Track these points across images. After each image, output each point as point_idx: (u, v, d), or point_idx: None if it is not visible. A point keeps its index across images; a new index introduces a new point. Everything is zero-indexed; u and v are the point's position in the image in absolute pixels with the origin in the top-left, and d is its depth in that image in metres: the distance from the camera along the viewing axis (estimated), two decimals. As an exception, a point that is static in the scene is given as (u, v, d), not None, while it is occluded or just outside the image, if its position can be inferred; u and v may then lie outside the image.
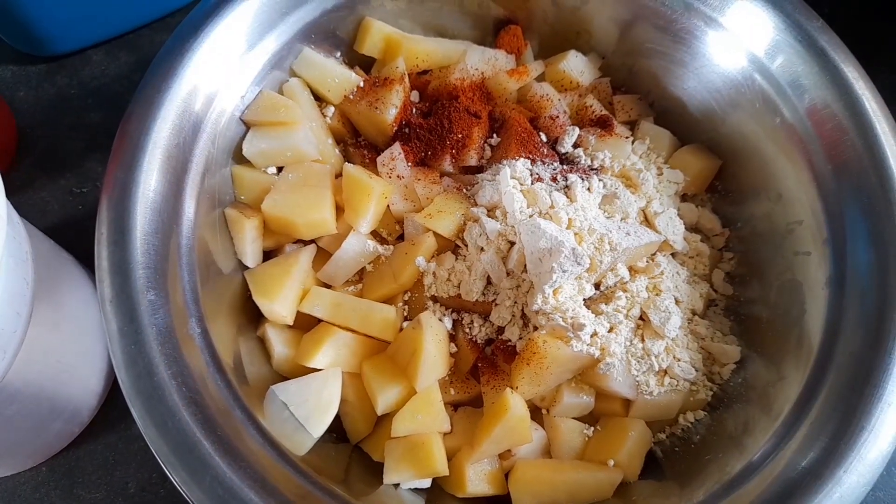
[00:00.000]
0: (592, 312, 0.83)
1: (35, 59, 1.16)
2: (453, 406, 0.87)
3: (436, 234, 0.86)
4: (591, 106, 0.95)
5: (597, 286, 0.85)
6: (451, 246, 0.88)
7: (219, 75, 0.82)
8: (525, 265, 0.80)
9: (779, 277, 0.89)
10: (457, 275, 0.85)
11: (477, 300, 0.84)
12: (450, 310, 0.88)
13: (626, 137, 0.97)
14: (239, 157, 0.87)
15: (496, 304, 0.86)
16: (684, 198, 0.99)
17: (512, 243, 0.82)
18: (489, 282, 0.85)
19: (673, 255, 0.93)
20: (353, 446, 0.86)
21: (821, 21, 0.85)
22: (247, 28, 0.84)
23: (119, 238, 0.72)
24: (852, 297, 0.77)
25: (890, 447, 0.68)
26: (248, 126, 0.87)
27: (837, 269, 0.79)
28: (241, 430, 0.71)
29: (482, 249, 0.83)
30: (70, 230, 1.06)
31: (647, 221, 0.92)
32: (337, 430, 0.85)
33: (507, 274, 0.83)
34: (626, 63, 1.01)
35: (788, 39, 0.84)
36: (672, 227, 0.90)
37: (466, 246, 0.86)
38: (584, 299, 0.83)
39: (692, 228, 0.97)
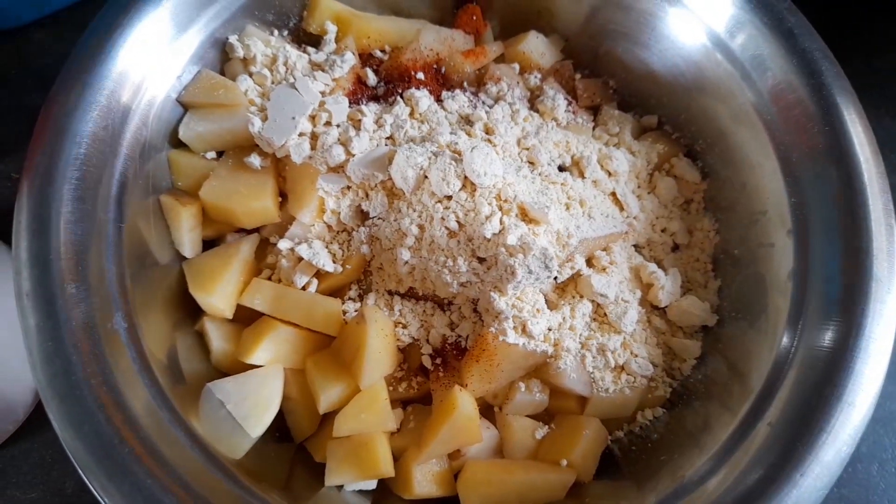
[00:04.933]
0: (548, 306, 0.80)
1: (-28, 37, 1.10)
2: (403, 403, 0.83)
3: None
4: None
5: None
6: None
7: (152, 54, 0.77)
8: (480, 257, 0.77)
9: (742, 271, 0.86)
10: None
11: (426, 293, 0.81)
12: (403, 298, 0.84)
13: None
14: (176, 141, 0.82)
15: (450, 303, 0.83)
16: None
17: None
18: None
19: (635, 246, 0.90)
20: (298, 446, 0.82)
21: (789, 2, 0.82)
22: (183, 2, 0.79)
23: (38, 227, 0.68)
24: (815, 291, 0.74)
25: (849, 449, 0.66)
26: (185, 108, 0.82)
27: (801, 261, 0.76)
28: (168, 432, 0.67)
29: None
30: (6, 218, 1.00)
31: (616, 204, 0.88)
32: (280, 429, 0.81)
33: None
34: (589, 45, 0.97)
35: (752, 19, 0.80)
36: (635, 210, 0.87)
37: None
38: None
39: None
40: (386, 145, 0.81)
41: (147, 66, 0.76)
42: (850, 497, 0.92)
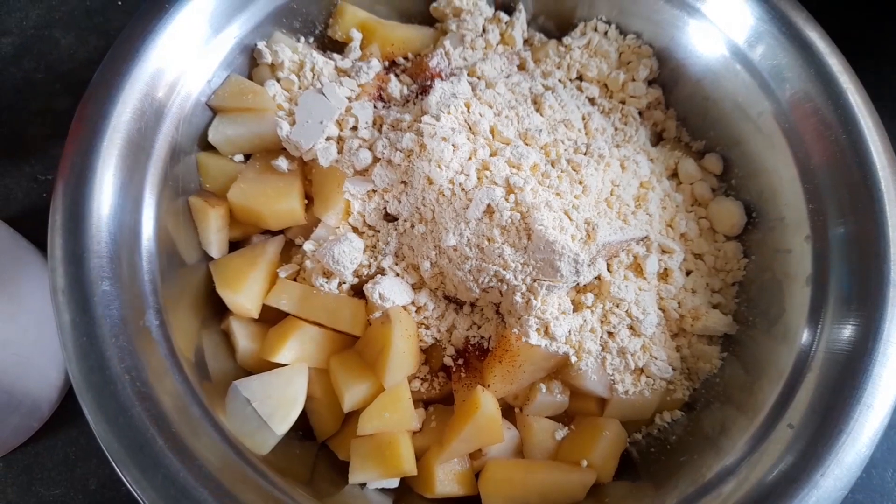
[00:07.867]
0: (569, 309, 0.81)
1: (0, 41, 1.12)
2: (425, 403, 0.84)
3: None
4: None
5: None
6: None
7: (184, 58, 0.79)
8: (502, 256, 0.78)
9: (759, 276, 0.87)
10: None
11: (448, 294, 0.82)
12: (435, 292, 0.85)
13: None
14: (205, 144, 0.84)
15: (473, 304, 0.84)
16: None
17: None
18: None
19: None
20: (320, 444, 0.83)
21: (806, 13, 0.83)
22: (214, 9, 0.81)
23: (73, 226, 0.69)
24: (833, 296, 0.75)
25: (868, 451, 0.67)
26: (214, 112, 0.84)
27: (818, 267, 0.77)
28: (199, 427, 0.68)
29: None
30: (34, 218, 1.02)
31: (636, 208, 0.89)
32: (304, 427, 0.83)
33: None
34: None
35: (771, 30, 0.82)
36: (656, 215, 0.88)
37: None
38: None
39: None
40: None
41: (180, 69, 0.78)
42: (864, 502, 0.92)
